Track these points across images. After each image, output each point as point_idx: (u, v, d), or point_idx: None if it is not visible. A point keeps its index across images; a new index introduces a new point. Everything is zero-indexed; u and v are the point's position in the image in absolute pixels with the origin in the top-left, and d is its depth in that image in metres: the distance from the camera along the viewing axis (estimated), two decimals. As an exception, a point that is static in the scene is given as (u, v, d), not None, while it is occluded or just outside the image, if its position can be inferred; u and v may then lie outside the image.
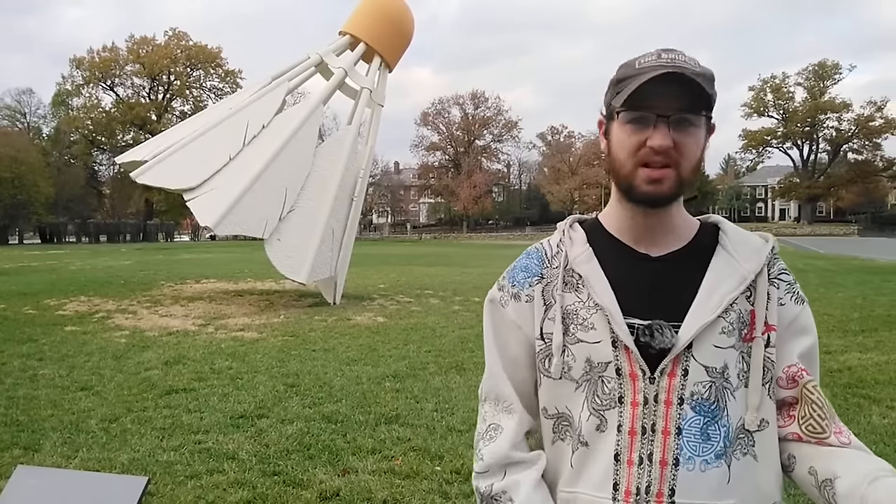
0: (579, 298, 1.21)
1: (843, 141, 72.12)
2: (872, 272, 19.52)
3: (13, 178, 51.68)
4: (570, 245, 1.26)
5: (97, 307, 12.21)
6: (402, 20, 13.76)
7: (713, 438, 1.12)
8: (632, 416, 1.14)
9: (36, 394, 6.07)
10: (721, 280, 1.16)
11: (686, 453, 1.12)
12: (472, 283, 17.16)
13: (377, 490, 3.88)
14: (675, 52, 1.15)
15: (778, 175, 79.81)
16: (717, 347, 1.13)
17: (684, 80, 1.09)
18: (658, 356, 1.13)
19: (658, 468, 1.12)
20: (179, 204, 24.38)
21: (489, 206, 78.61)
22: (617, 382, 1.15)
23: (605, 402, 1.16)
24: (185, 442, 4.73)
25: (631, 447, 1.13)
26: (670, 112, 1.11)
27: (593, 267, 1.21)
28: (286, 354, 7.90)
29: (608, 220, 1.27)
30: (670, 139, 1.11)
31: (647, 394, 1.14)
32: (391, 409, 5.50)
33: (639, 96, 1.12)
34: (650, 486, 1.12)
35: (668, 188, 1.14)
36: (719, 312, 1.13)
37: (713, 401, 1.13)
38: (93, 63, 66.70)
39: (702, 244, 1.21)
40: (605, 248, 1.24)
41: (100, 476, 3.02)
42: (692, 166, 1.15)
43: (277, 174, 11.67)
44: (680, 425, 1.12)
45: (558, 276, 1.23)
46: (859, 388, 6.05)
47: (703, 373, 1.13)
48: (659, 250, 1.21)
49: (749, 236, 1.24)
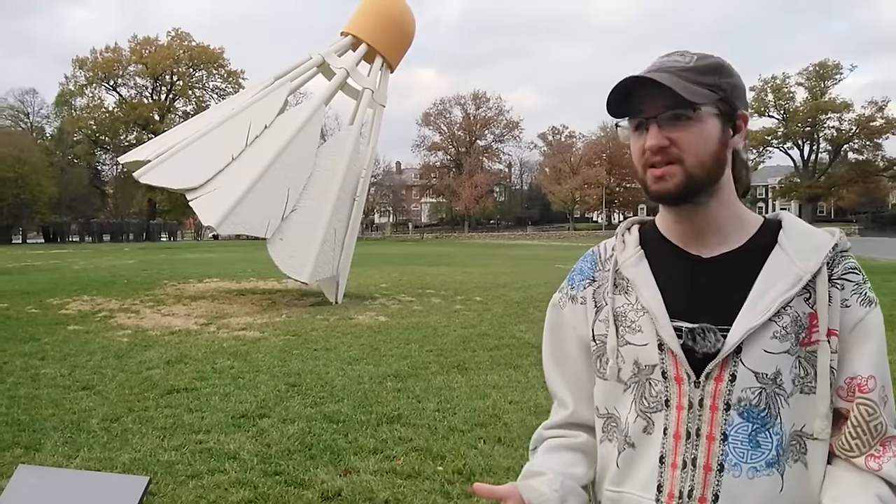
0: (628, 301, 1.21)
1: (844, 141, 71.85)
2: (873, 272, 19.47)
3: (17, 178, 51.78)
4: (622, 248, 1.26)
5: (100, 306, 12.23)
6: (404, 21, 13.76)
7: (763, 446, 1.09)
8: (677, 420, 1.14)
9: (37, 393, 6.08)
10: (774, 281, 1.11)
11: (732, 459, 1.10)
12: (474, 282, 17.16)
13: (379, 490, 3.87)
14: (673, 53, 1.17)
15: (778, 175, 79.54)
16: (767, 353, 1.10)
17: (665, 79, 1.10)
18: (706, 360, 1.12)
19: (701, 473, 1.11)
20: (182, 204, 24.41)
21: (491, 206, 78.60)
22: (663, 385, 1.15)
23: (652, 405, 1.16)
24: (186, 441, 4.72)
25: (675, 450, 1.13)
26: (656, 112, 1.12)
27: (642, 269, 1.21)
28: (288, 354, 7.90)
29: (661, 223, 1.26)
30: (661, 138, 1.12)
31: (691, 398, 1.13)
32: (393, 409, 5.49)
33: (631, 103, 1.15)
34: (693, 490, 1.11)
35: (673, 185, 1.13)
36: (770, 315, 1.09)
37: (763, 407, 1.10)
38: (96, 63, 66.82)
39: (759, 243, 1.17)
40: (656, 250, 1.23)
41: (101, 476, 3.01)
42: (699, 160, 1.12)
43: (280, 174, 11.68)
44: (726, 431, 1.10)
45: (609, 278, 1.25)
46: (862, 389, 6.03)
47: (753, 378, 1.10)
48: (710, 251, 1.18)
49: (813, 233, 1.17)
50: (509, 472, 4.09)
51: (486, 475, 4.08)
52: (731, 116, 1.16)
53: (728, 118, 1.15)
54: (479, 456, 4.41)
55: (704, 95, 1.12)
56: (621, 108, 1.17)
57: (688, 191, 1.14)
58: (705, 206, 1.17)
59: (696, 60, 1.14)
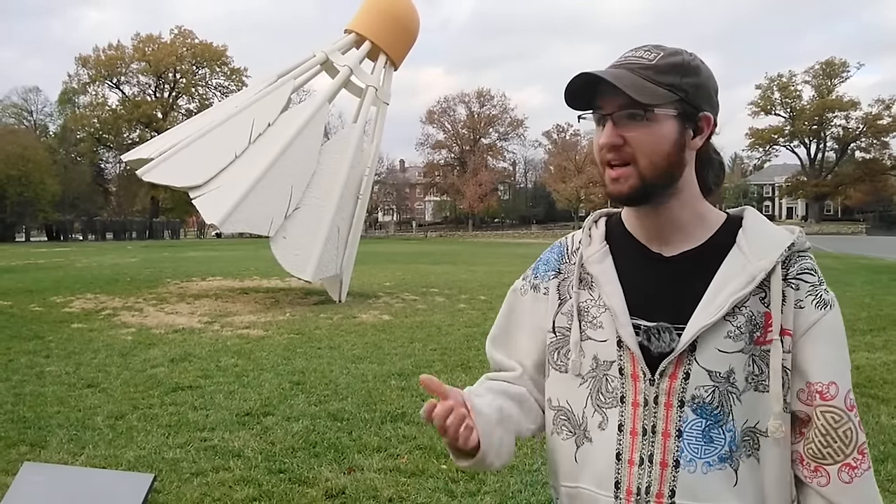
0: (591, 297, 1.22)
1: (851, 139, 71.59)
2: (880, 271, 19.42)
3: (20, 176, 51.81)
4: (588, 242, 1.26)
5: (103, 304, 12.25)
6: (407, 18, 13.73)
7: (716, 441, 1.11)
8: (633, 417, 1.14)
9: (42, 391, 6.09)
10: (728, 280, 1.11)
11: (687, 455, 1.11)
12: (478, 281, 17.14)
13: (383, 488, 3.87)
14: (638, 49, 1.15)
15: (785, 173, 79.26)
16: (721, 352, 1.10)
17: (617, 77, 1.09)
18: (662, 358, 1.13)
19: (658, 469, 1.12)
20: (185, 202, 24.42)
21: (495, 205, 78.47)
22: (619, 382, 1.16)
23: (608, 401, 1.17)
24: (190, 439, 4.73)
25: (632, 447, 1.14)
26: (612, 110, 1.12)
27: (605, 267, 1.22)
28: (292, 352, 7.91)
29: (626, 217, 1.27)
30: (615, 136, 1.11)
31: (647, 395, 1.14)
32: (397, 407, 5.49)
33: (594, 99, 1.14)
34: (650, 486, 1.12)
35: (627, 188, 1.13)
36: (723, 314, 1.09)
37: (717, 405, 1.10)
38: (98, 61, 66.86)
39: (718, 242, 1.16)
40: (622, 246, 1.24)
41: (106, 473, 3.01)
42: (651, 161, 1.11)
43: (283, 172, 11.68)
44: (680, 427, 1.11)
45: (574, 272, 1.24)
46: (867, 388, 6.01)
47: (706, 377, 1.11)
48: (671, 250, 1.19)
49: (773, 231, 1.17)
50: (513, 471, 4.09)
51: (490, 473, 4.06)
52: (692, 117, 1.14)
53: (689, 119, 1.13)
54: (484, 454, 4.39)
55: (661, 96, 1.10)
56: (586, 99, 1.16)
57: (642, 193, 1.14)
58: (666, 206, 1.17)
59: (660, 58, 1.12)
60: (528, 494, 3.81)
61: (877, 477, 4.20)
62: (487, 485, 3.92)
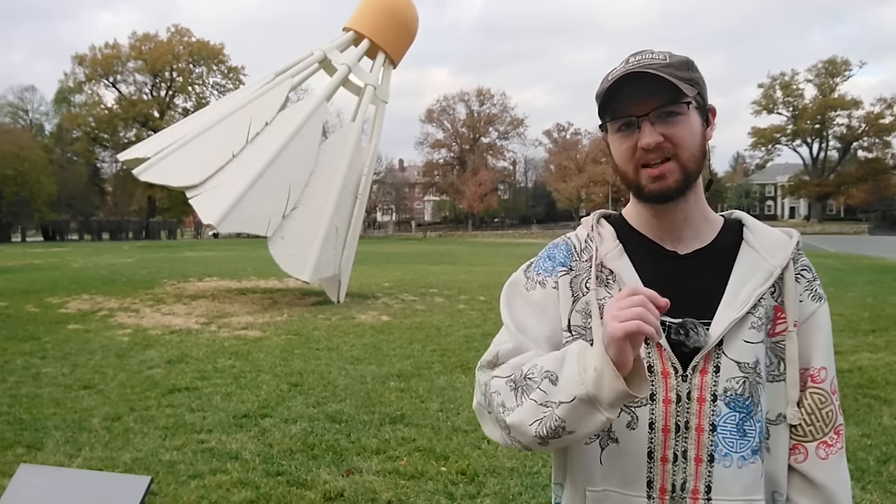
0: (610, 294, 1.20)
1: (854, 138, 71.53)
2: (883, 271, 19.45)
3: (16, 176, 51.69)
4: (600, 241, 1.25)
5: (100, 305, 12.20)
6: (406, 16, 13.70)
7: (749, 434, 1.13)
8: (665, 414, 1.14)
9: (39, 392, 6.05)
10: (749, 276, 1.17)
11: (722, 450, 1.12)
12: (478, 281, 17.12)
13: (382, 490, 3.84)
14: (644, 52, 1.18)
15: (787, 173, 79.25)
16: (747, 343, 1.14)
17: (649, 76, 1.12)
18: (689, 354, 1.14)
19: (693, 465, 1.13)
20: (182, 201, 24.42)
21: (495, 204, 78.38)
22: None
23: (637, 399, 1.12)
24: (187, 441, 4.69)
25: (665, 444, 1.14)
26: (648, 110, 1.14)
27: (625, 263, 1.22)
28: (290, 353, 7.87)
29: (633, 217, 1.28)
30: (657, 135, 1.14)
31: (679, 391, 1.14)
32: (396, 409, 5.46)
33: (618, 103, 1.16)
34: (685, 482, 1.13)
35: (673, 182, 1.15)
36: (748, 308, 1.14)
37: (747, 396, 1.13)
38: (94, 60, 66.71)
39: (727, 240, 1.22)
40: (633, 244, 1.24)
41: (102, 475, 2.98)
42: (691, 154, 1.16)
43: (281, 172, 11.64)
44: (714, 422, 1.13)
45: (588, 270, 1.23)
46: (870, 389, 6.00)
47: (736, 368, 1.13)
48: (685, 247, 1.22)
49: (773, 232, 1.24)
50: (513, 473, 4.06)
51: (490, 475, 4.05)
52: (704, 109, 1.20)
53: (702, 111, 1.19)
54: (483, 456, 4.37)
55: (689, 91, 1.14)
56: (603, 109, 1.18)
57: (685, 186, 1.17)
58: (685, 201, 1.20)
59: (671, 57, 1.17)
60: (528, 497, 3.78)
61: (880, 478, 4.17)
62: (487, 487, 3.89)
